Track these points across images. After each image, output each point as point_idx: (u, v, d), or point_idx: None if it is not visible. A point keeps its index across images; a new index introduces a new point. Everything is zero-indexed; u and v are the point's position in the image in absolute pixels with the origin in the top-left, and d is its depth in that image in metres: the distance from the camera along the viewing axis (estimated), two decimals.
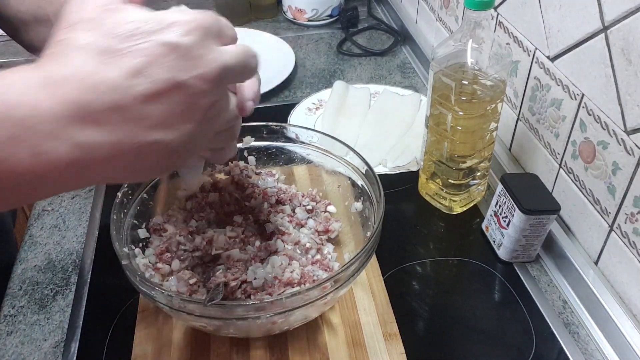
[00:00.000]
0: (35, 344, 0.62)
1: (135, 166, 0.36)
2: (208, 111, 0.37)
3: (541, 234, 0.67)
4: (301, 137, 0.69)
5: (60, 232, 0.76)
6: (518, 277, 0.69)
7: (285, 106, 0.96)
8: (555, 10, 0.68)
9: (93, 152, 0.33)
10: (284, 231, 0.64)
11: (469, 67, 0.66)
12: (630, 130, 0.58)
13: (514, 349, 0.61)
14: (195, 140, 0.37)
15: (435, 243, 0.75)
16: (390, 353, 0.59)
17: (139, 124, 0.34)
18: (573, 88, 0.67)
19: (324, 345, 0.60)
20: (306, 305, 0.51)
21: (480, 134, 0.71)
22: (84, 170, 0.33)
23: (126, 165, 0.35)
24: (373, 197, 0.61)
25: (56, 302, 0.67)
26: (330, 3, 1.26)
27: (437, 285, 0.69)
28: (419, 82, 1.08)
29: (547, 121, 0.73)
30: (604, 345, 0.62)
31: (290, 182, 0.72)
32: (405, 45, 1.20)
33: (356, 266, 0.53)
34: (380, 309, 0.63)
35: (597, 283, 0.64)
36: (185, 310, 0.51)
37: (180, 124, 0.35)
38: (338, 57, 1.17)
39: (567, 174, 0.70)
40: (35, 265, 0.71)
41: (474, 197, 0.78)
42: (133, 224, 0.61)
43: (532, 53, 0.74)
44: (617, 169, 0.60)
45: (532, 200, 0.65)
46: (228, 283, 0.57)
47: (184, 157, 0.38)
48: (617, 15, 0.57)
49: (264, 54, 1.32)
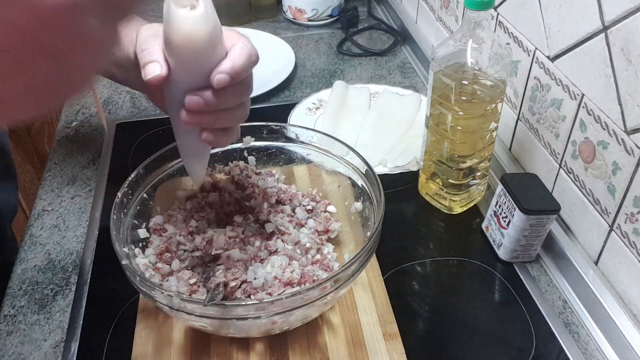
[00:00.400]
0: (35, 344, 0.62)
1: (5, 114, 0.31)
2: (77, 36, 0.30)
3: (541, 234, 0.67)
4: (301, 137, 0.69)
5: (60, 232, 0.76)
6: (518, 277, 0.69)
7: (285, 106, 0.96)
8: (555, 10, 0.68)
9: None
10: (284, 231, 0.64)
11: (469, 67, 0.66)
12: (630, 130, 0.58)
13: (514, 349, 0.61)
14: (68, 68, 0.31)
15: (435, 243, 0.75)
16: (390, 353, 0.59)
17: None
18: (573, 88, 0.67)
19: (324, 345, 0.60)
20: (306, 305, 0.51)
21: (480, 134, 0.70)
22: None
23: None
24: (373, 197, 0.61)
25: (56, 302, 0.67)
26: (330, 3, 1.26)
27: (437, 285, 0.69)
28: (419, 82, 1.08)
29: (547, 121, 0.73)
30: (604, 345, 0.62)
31: (290, 182, 0.72)
32: (405, 45, 1.20)
33: (356, 266, 0.53)
34: (380, 309, 0.63)
35: (597, 283, 0.64)
36: (185, 310, 0.51)
37: (30, 68, 0.29)
38: (338, 57, 1.17)
39: (567, 173, 0.70)
40: (35, 265, 0.71)
41: (474, 197, 0.78)
42: (133, 223, 0.61)
43: (532, 53, 0.74)
44: (617, 169, 0.60)
45: (532, 200, 0.65)
46: (228, 283, 0.57)
47: (72, 79, 0.32)
48: (617, 15, 0.57)
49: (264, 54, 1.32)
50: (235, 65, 0.47)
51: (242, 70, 0.47)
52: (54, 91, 0.32)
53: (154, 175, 0.65)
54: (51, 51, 0.30)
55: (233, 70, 0.46)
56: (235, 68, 0.47)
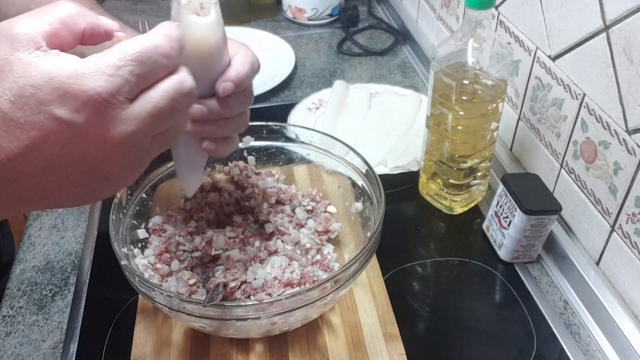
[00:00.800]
0: (34, 344, 0.62)
1: (56, 201, 0.37)
2: (127, 168, 0.36)
3: (542, 235, 0.67)
4: (301, 137, 0.69)
5: (59, 233, 0.76)
6: (519, 278, 0.69)
7: (285, 106, 0.95)
8: (556, 9, 0.67)
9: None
10: (283, 231, 0.64)
11: (470, 66, 0.66)
12: (632, 130, 0.57)
13: (514, 350, 0.61)
14: (115, 185, 0.37)
15: (436, 243, 0.74)
16: (390, 354, 0.59)
17: (38, 187, 0.34)
18: (574, 88, 0.66)
19: (324, 346, 0.59)
20: (306, 305, 0.51)
21: (481, 134, 0.70)
22: None
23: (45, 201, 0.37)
24: (373, 197, 0.61)
25: (55, 303, 0.66)
26: (331, 2, 1.26)
27: (438, 285, 0.69)
28: (420, 82, 1.08)
29: (548, 121, 0.73)
30: (605, 346, 0.62)
31: (290, 182, 0.72)
32: (405, 45, 1.20)
33: (356, 267, 0.53)
34: (380, 310, 0.63)
35: (598, 283, 0.64)
36: (184, 310, 0.50)
37: (84, 187, 0.35)
38: (338, 57, 1.17)
39: (569, 174, 0.70)
40: (33, 265, 0.71)
41: (475, 197, 0.78)
42: (132, 224, 0.61)
43: (533, 52, 0.74)
44: (619, 169, 0.60)
45: (533, 201, 0.65)
46: (227, 283, 0.57)
47: (112, 191, 0.38)
48: (619, 14, 0.57)
49: (264, 54, 1.32)
50: (240, 74, 0.47)
51: (246, 78, 0.48)
52: (98, 197, 0.38)
53: (153, 175, 0.64)
54: (105, 175, 0.35)
55: (238, 78, 0.47)
56: (240, 76, 0.47)
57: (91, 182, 0.35)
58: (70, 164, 0.34)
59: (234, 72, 0.47)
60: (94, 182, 0.36)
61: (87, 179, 0.35)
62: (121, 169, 0.36)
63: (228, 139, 0.52)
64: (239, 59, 0.48)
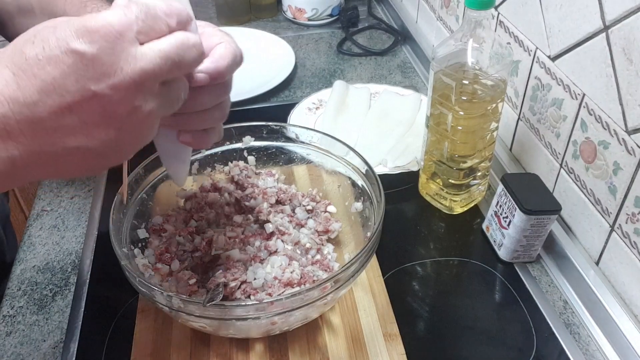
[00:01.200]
0: (34, 344, 0.62)
1: (61, 168, 0.37)
2: (136, 113, 0.37)
3: (542, 234, 0.67)
4: (301, 137, 0.69)
5: (59, 233, 0.76)
6: (519, 278, 0.69)
7: (285, 106, 0.95)
8: (556, 9, 0.67)
9: (13, 163, 0.35)
10: (284, 231, 0.64)
11: (470, 66, 0.66)
12: (632, 130, 0.57)
13: (514, 350, 0.61)
14: (122, 143, 0.38)
15: (436, 243, 0.74)
16: (390, 354, 0.59)
17: (54, 135, 0.35)
18: (574, 88, 0.66)
19: (324, 346, 0.60)
20: (306, 305, 0.51)
21: (481, 134, 0.70)
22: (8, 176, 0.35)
23: (51, 168, 0.37)
24: (373, 197, 0.61)
25: (55, 303, 0.67)
26: (330, 2, 1.26)
27: (438, 285, 0.69)
28: (420, 82, 1.08)
29: (547, 121, 0.73)
30: (604, 346, 0.62)
31: (290, 182, 0.72)
32: (405, 45, 1.20)
33: (356, 266, 0.53)
34: (380, 310, 0.63)
35: (598, 283, 0.64)
36: (184, 310, 0.50)
37: (98, 131, 0.36)
38: (338, 57, 1.17)
39: (568, 174, 0.70)
40: (34, 265, 0.71)
41: (475, 197, 0.78)
42: (132, 224, 0.61)
43: (533, 52, 0.74)
44: (618, 169, 0.60)
45: (532, 201, 0.65)
46: (228, 283, 0.57)
47: (116, 157, 0.39)
48: (618, 14, 0.57)
49: (264, 54, 1.31)
50: (219, 67, 0.44)
51: (226, 71, 0.45)
52: (106, 157, 0.38)
53: (153, 175, 0.64)
54: (115, 122, 0.36)
55: (216, 70, 0.44)
56: (218, 69, 0.44)
57: (103, 129, 0.36)
58: (83, 106, 0.34)
59: (212, 65, 0.44)
60: (106, 129, 0.36)
61: (98, 128, 0.35)
62: (130, 121, 0.37)
63: (208, 130, 0.49)
64: (221, 49, 0.44)
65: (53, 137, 0.35)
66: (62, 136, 0.35)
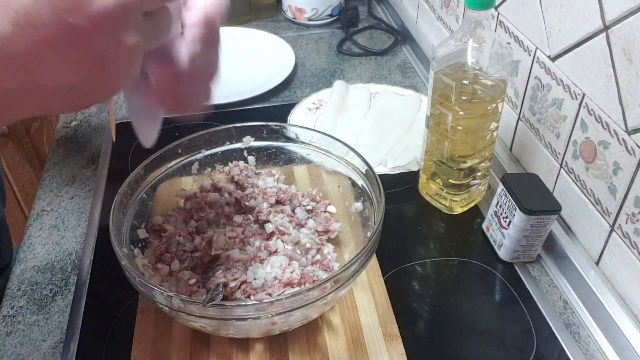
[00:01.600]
0: (34, 344, 0.62)
1: (43, 105, 0.36)
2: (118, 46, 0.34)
3: (542, 234, 0.67)
4: (301, 137, 0.69)
5: (59, 233, 0.76)
6: (519, 278, 0.69)
7: (285, 106, 0.95)
8: (555, 9, 0.67)
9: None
10: (284, 231, 0.64)
11: (470, 66, 0.66)
12: (632, 130, 0.57)
13: (514, 350, 0.61)
14: (105, 79, 0.35)
15: (436, 243, 0.74)
16: (390, 354, 0.59)
17: (32, 72, 0.32)
18: (574, 88, 0.66)
19: (324, 346, 0.60)
20: (306, 305, 0.51)
21: (481, 134, 0.70)
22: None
23: (33, 106, 0.35)
24: (373, 197, 0.61)
25: (55, 303, 0.67)
26: (330, 2, 1.26)
27: (438, 285, 0.69)
28: (420, 82, 1.08)
29: (547, 121, 0.73)
30: (604, 346, 0.62)
31: (290, 182, 0.72)
32: (405, 45, 1.20)
33: (356, 266, 0.53)
34: (380, 310, 0.63)
35: (598, 283, 0.64)
36: (184, 310, 0.50)
37: (79, 67, 0.33)
38: (338, 57, 1.17)
39: (568, 174, 0.70)
40: (34, 265, 0.71)
41: (475, 197, 0.78)
42: (132, 224, 0.61)
43: (533, 52, 0.74)
44: (618, 169, 0.60)
45: (532, 201, 0.65)
46: (228, 283, 0.57)
47: (100, 95, 0.36)
48: (618, 14, 0.57)
49: (264, 54, 1.31)
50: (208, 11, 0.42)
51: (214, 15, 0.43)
52: (89, 94, 0.35)
53: (153, 175, 0.64)
54: (97, 57, 0.33)
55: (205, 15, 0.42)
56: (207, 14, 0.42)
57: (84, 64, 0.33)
58: (60, 40, 0.32)
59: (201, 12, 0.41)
60: (87, 64, 0.33)
61: (80, 58, 0.33)
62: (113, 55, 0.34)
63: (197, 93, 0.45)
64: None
65: (32, 74, 0.33)
66: (42, 73, 0.33)
